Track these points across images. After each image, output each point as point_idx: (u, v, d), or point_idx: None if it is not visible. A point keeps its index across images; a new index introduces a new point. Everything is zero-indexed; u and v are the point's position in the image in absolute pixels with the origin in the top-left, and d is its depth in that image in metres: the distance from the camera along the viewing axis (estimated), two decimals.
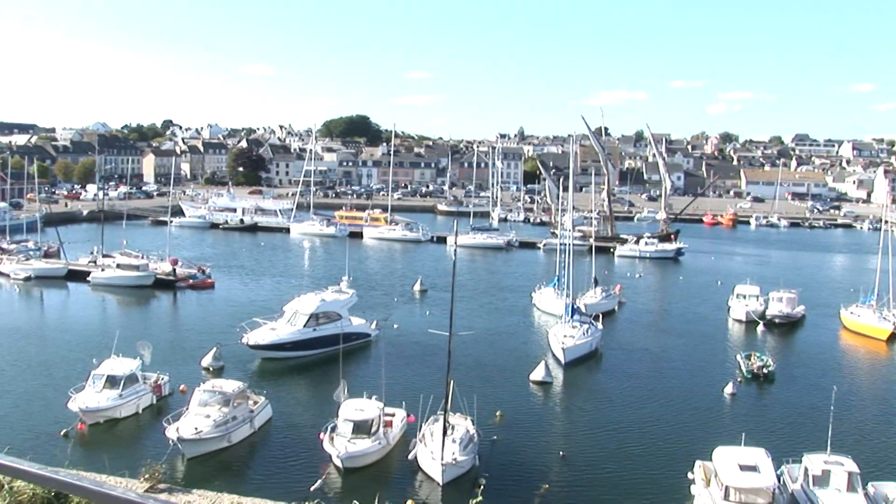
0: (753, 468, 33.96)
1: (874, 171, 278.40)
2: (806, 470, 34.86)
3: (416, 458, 38.29)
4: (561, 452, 40.97)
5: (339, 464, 37.53)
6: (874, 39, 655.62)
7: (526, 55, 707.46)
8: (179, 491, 32.64)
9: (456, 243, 74.06)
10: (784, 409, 50.48)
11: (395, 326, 67.45)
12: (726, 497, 32.90)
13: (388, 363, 49.95)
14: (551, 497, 35.92)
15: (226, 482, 35.05)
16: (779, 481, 34.45)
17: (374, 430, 39.18)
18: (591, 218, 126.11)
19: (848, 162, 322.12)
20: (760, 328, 72.26)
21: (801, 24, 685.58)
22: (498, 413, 45.75)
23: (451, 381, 39.92)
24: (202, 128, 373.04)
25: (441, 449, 36.42)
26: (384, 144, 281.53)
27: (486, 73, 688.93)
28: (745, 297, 77.38)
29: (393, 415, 42.26)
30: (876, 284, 75.32)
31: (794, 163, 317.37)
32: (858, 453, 38.24)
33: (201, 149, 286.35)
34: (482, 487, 33.07)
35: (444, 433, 37.13)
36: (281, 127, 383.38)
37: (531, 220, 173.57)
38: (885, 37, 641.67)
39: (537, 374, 53.68)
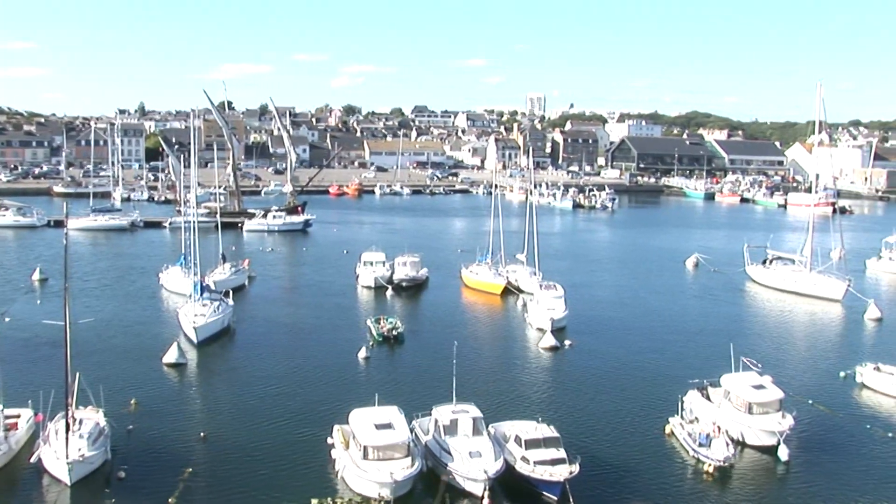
0: (388, 426, 35.78)
1: (486, 140, 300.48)
2: (436, 421, 37.27)
3: (39, 459, 35.82)
4: (202, 433, 40.44)
5: None
6: (485, 15, 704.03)
7: (144, 26, 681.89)
8: None
9: (67, 226, 69.63)
10: (413, 367, 53.53)
11: (7, 320, 62.36)
12: (365, 456, 34.34)
13: (6, 361, 46.80)
14: (195, 480, 35.34)
15: None
16: (412, 435, 36.41)
17: None
18: (218, 194, 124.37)
19: (463, 132, 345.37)
20: (389, 292, 75.42)
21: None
22: (132, 401, 44.26)
23: (77, 374, 37.91)
24: None
25: (65, 447, 34.25)
26: None
27: (101, 45, 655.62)
28: (371, 263, 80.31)
29: (18, 416, 39.37)
30: (490, 244, 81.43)
31: (414, 133, 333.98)
32: (480, 399, 41.75)
33: None
34: (111, 481, 31.72)
35: (68, 429, 34.92)
36: None
37: (156, 198, 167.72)
38: (495, 12, 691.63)
39: (170, 356, 52.44)
